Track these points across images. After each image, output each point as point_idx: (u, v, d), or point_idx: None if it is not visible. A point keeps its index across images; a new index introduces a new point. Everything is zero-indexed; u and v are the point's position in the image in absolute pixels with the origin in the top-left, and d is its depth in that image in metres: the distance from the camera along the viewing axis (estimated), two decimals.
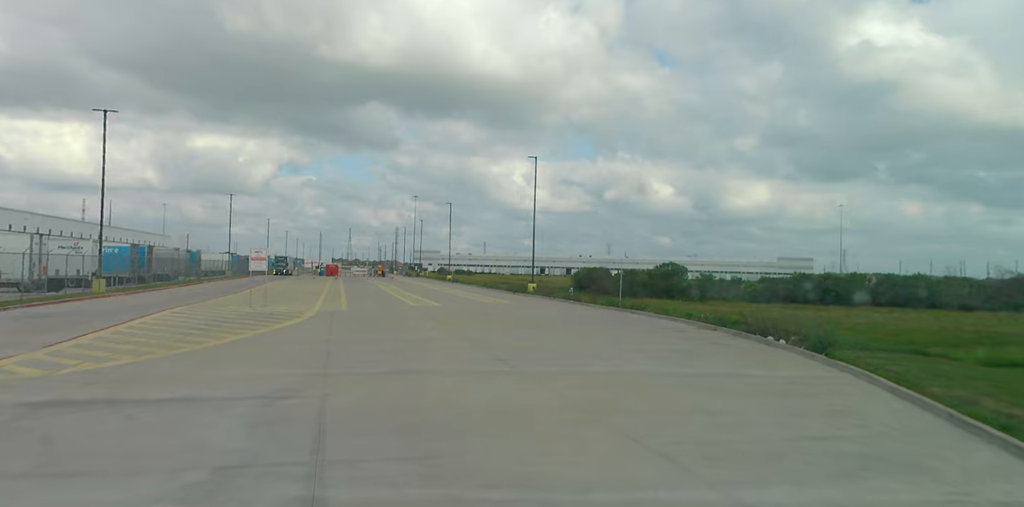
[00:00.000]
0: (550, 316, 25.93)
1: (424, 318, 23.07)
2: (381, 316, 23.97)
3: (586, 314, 27.35)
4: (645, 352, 15.17)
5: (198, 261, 62.55)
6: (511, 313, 27.17)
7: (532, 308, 31.03)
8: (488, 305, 32.81)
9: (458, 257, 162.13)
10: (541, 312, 28.24)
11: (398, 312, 26.24)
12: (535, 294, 44.00)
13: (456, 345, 15.56)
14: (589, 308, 31.51)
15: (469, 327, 20.20)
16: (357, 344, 15.41)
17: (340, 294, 39.44)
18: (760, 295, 44.08)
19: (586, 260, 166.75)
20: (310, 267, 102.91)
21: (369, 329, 19.10)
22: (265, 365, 11.96)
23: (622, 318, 25.30)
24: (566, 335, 18.98)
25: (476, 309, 29.62)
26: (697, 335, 19.28)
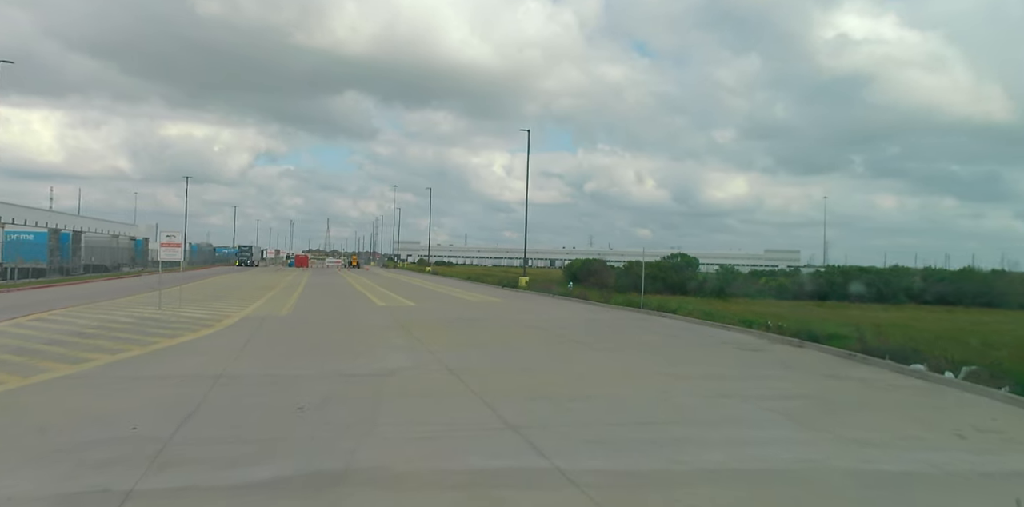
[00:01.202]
0: (562, 322, 19.64)
1: (391, 328, 16.68)
2: (330, 324, 17.55)
3: (605, 319, 21.10)
4: (756, 402, 8.90)
5: (144, 250, 55.44)
6: (509, 318, 20.85)
7: (532, 310, 24.72)
8: (475, 305, 26.46)
9: (439, 248, 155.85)
10: (546, 315, 21.97)
11: (358, 317, 19.81)
12: (528, 289, 37.74)
13: (432, 388, 9.20)
14: (602, 309, 25.24)
15: (453, 345, 13.87)
16: (260, 386, 9.00)
17: (296, 290, 32.89)
18: (786, 291, 38.18)
19: (570, 252, 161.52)
20: (273, 257, 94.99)
21: (300, 351, 12.68)
22: (38, 458, 5.54)
23: (658, 326, 19.07)
24: (604, 360, 12.68)
25: (461, 311, 23.27)
26: (788, 358, 13.10)
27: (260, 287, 34.50)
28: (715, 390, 9.54)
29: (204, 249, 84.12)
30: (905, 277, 37.97)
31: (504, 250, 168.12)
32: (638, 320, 20.62)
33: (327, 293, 32.04)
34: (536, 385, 9.48)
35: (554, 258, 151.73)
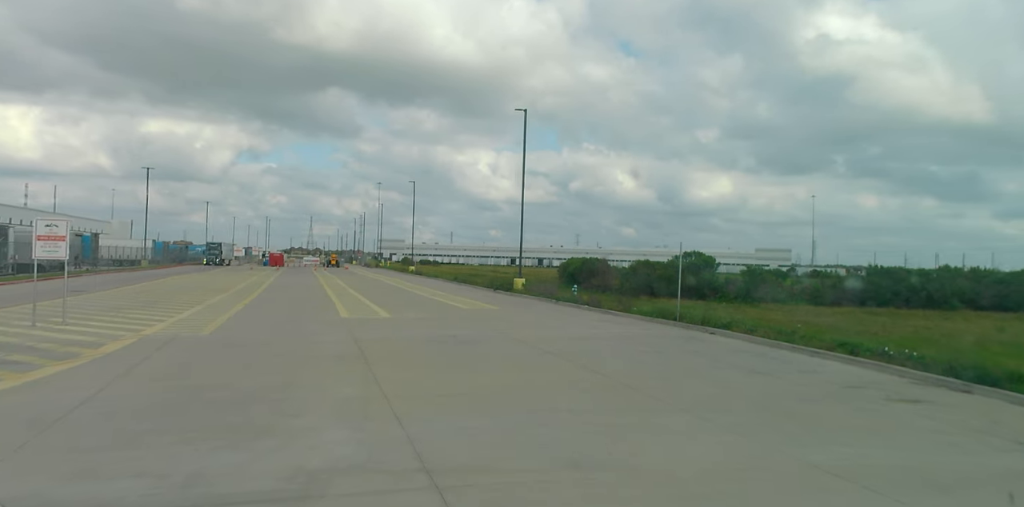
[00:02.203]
0: (589, 346, 14.41)
1: (345, 360, 11.42)
2: (258, 353, 12.17)
3: (642, 339, 15.94)
4: None
5: (94, 247, 49.68)
6: (513, 337, 15.65)
7: (540, 323, 19.56)
8: (466, 315, 21.24)
9: (424, 247, 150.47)
10: (562, 332, 16.81)
11: (306, 338, 14.53)
12: (525, 292, 32.55)
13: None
14: (626, 322, 20.09)
15: (438, 399, 8.63)
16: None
17: (251, 294, 27.52)
18: (820, 295, 33.28)
19: (558, 250, 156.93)
20: (241, 255, 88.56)
21: (160, 419, 7.38)
22: None
23: (723, 352, 13.87)
24: (711, 442, 7.46)
25: (449, 325, 18.06)
26: (992, 423, 7.99)
27: (211, 290, 29.11)
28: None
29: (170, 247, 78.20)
30: (954, 279, 33.19)
31: (491, 249, 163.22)
32: (684, 340, 15.49)
33: (286, 299, 26.70)
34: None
35: (543, 257, 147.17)
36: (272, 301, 24.72)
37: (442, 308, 23.47)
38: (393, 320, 18.47)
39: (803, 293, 33.89)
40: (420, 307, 23.76)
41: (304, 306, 23.03)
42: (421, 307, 23.77)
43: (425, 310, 22.46)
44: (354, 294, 29.83)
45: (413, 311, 21.73)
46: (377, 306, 22.93)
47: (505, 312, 22.51)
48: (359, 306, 22.87)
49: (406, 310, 22.06)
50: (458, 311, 22.38)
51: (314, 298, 26.92)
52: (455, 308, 23.66)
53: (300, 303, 24.46)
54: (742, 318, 19.37)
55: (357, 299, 26.45)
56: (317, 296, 27.96)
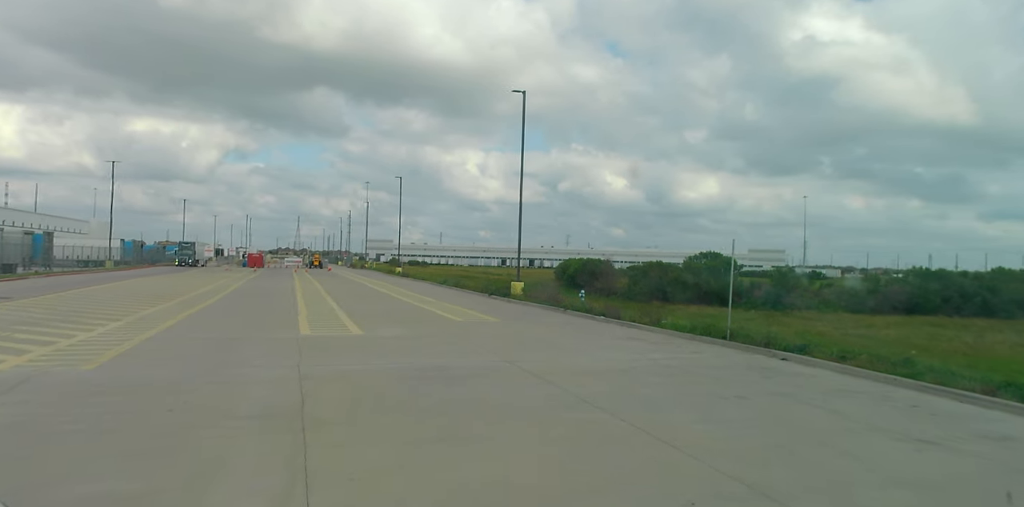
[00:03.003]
0: (639, 385, 10.21)
1: (272, 422, 7.23)
2: (152, 401, 7.85)
3: (705, 372, 11.81)
4: None
5: (47, 247, 45.15)
6: (531, 370, 11.47)
7: (556, 345, 15.40)
8: (459, 331, 17.08)
9: (412, 247, 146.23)
10: (588, 360, 12.68)
11: (234, 374, 10.27)
12: (526, 299, 28.40)
13: None
14: (665, 340, 15.95)
15: None
16: None
17: (204, 301, 23.25)
18: (863, 302, 29.37)
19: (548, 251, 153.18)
20: (211, 255, 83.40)
21: None
22: None
23: (831, 393, 9.71)
24: None
25: (439, 349, 13.89)
26: None
27: (159, 296, 24.83)
28: None
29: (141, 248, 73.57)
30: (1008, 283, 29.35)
31: (481, 249, 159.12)
32: (757, 373, 11.40)
33: (243, 308, 22.45)
34: None
35: (534, 257, 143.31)
36: (223, 312, 20.47)
37: (428, 321, 19.29)
38: (364, 340, 14.27)
39: (839, 298, 29.98)
40: (402, 319, 19.57)
41: (260, 319, 18.80)
42: (403, 319, 19.59)
43: (407, 323, 18.28)
44: (328, 301, 25.61)
45: (392, 325, 17.54)
46: (349, 318, 18.72)
47: (507, 327, 18.37)
48: (328, 318, 18.67)
49: (384, 324, 17.87)
50: (448, 325, 18.22)
51: (278, 307, 22.68)
52: (445, 320, 19.49)
53: (257, 314, 20.23)
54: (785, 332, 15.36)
55: (329, 308, 22.24)
56: (283, 304, 23.72)
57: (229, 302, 24.43)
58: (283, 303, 24.22)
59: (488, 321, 19.59)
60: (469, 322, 19.15)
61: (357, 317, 19.13)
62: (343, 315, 19.71)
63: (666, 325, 17.62)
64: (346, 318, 18.81)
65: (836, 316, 26.71)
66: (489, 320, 19.89)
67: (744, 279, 32.66)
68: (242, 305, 23.47)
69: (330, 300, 26.28)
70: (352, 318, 18.81)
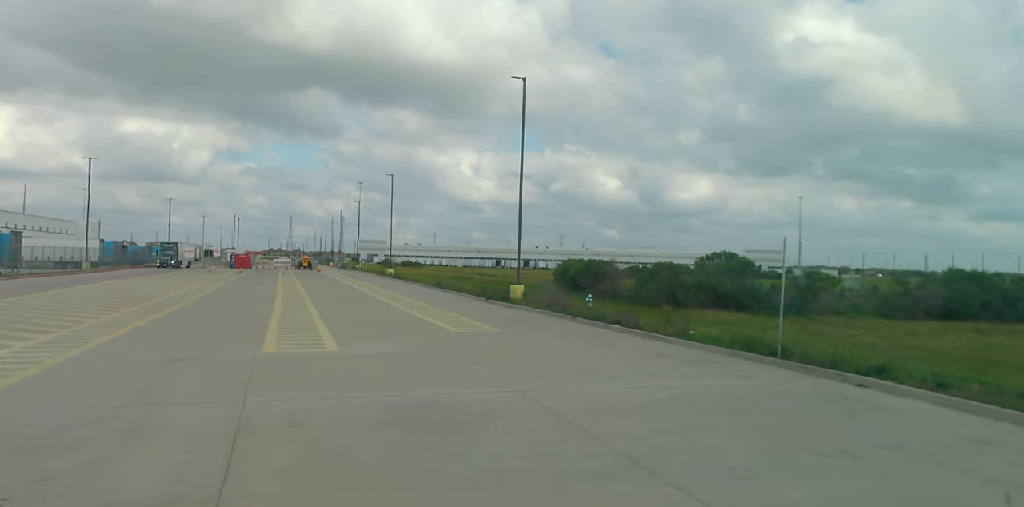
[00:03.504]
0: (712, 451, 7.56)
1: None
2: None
3: (777, 408, 9.25)
4: None
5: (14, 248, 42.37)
6: (549, 405, 8.94)
7: (574, 366, 12.84)
8: (456, 346, 14.49)
9: (405, 248, 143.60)
10: (618, 388, 10.13)
11: (147, 416, 7.69)
12: (527, 304, 25.84)
13: None
14: (703, 357, 13.37)
15: None
16: None
17: (168, 307, 20.64)
18: (894, 306, 26.95)
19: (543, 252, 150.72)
20: (193, 256, 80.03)
21: None
22: None
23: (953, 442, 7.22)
24: None
25: (429, 373, 11.33)
26: None
27: (120, 302, 22.21)
28: None
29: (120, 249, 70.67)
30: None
31: (475, 250, 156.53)
32: (837, 408, 8.88)
33: (207, 317, 19.82)
34: None
35: (528, 258, 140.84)
36: (183, 321, 17.87)
37: (419, 332, 16.72)
38: (339, 360, 11.70)
39: (867, 302, 27.57)
40: (388, 330, 17.01)
41: (222, 330, 16.20)
42: (389, 330, 17.03)
43: (394, 336, 15.72)
44: (308, 307, 23.02)
45: (376, 338, 14.96)
46: (327, 329, 16.14)
47: (511, 339, 15.81)
48: (301, 329, 16.09)
49: (367, 336, 15.30)
50: (442, 338, 15.65)
51: (249, 314, 20.09)
52: (438, 331, 16.93)
53: (221, 324, 17.62)
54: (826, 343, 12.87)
55: (306, 316, 19.66)
56: (256, 311, 21.12)
57: (197, 308, 21.82)
58: (257, 309, 21.61)
59: (488, 332, 17.04)
60: (466, 333, 16.60)
61: (337, 327, 16.56)
62: (321, 325, 17.12)
63: (696, 337, 15.10)
64: (323, 329, 16.23)
65: (868, 322, 24.31)
66: (489, 330, 17.34)
67: (762, 281, 30.18)
68: (209, 312, 20.85)
69: (310, 306, 23.69)
70: (331, 329, 16.24)
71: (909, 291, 27.25)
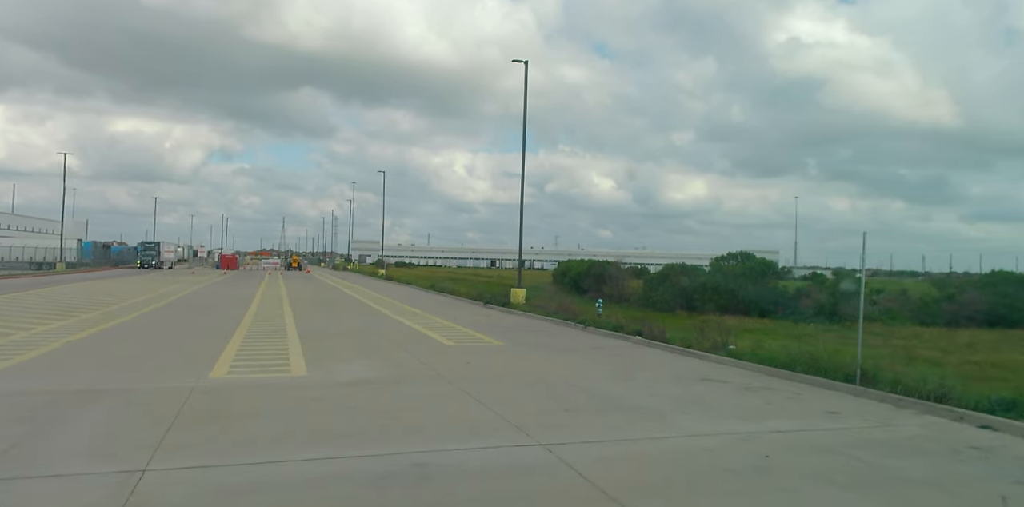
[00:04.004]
0: None
1: None
2: None
3: (902, 473, 6.77)
4: None
5: None
6: (584, 470, 6.49)
7: (601, 395, 10.25)
8: (452, 366, 11.89)
9: (399, 249, 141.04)
10: (672, 436, 7.58)
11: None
12: (531, 310, 23.31)
13: None
14: (762, 382, 10.79)
15: None
16: None
17: (125, 315, 18.05)
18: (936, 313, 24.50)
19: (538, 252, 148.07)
20: (171, 255, 75.85)
21: None
22: None
23: None
24: None
25: (419, 411, 8.76)
26: None
27: (80, 307, 19.59)
28: None
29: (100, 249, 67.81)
30: None
31: (470, 250, 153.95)
32: (1004, 473, 6.40)
33: (162, 328, 17.23)
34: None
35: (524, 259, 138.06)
36: (131, 334, 15.27)
37: (408, 346, 14.16)
38: (302, 392, 9.13)
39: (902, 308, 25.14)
40: (372, 344, 14.45)
41: (171, 345, 13.60)
42: (374, 344, 14.47)
43: (378, 353, 13.16)
44: (285, 315, 20.45)
45: (356, 356, 12.40)
46: (300, 344, 13.58)
47: (519, 357, 13.25)
48: (269, 344, 13.53)
49: (345, 353, 12.73)
50: (436, 355, 13.10)
51: (213, 324, 17.51)
52: (431, 345, 14.38)
53: (174, 337, 15.01)
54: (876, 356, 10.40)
55: (279, 325, 17.10)
56: (223, 320, 18.54)
57: (157, 316, 19.23)
58: (225, 318, 19.02)
59: (490, 346, 14.49)
60: (464, 348, 14.06)
61: (311, 341, 14.00)
62: (293, 338, 14.55)
63: (741, 354, 12.59)
64: (295, 343, 13.66)
65: (910, 330, 21.84)
66: (490, 344, 14.80)
67: (785, 284, 27.71)
68: (169, 321, 18.25)
69: (288, 313, 21.12)
70: (304, 342, 13.68)
71: (951, 296, 24.80)
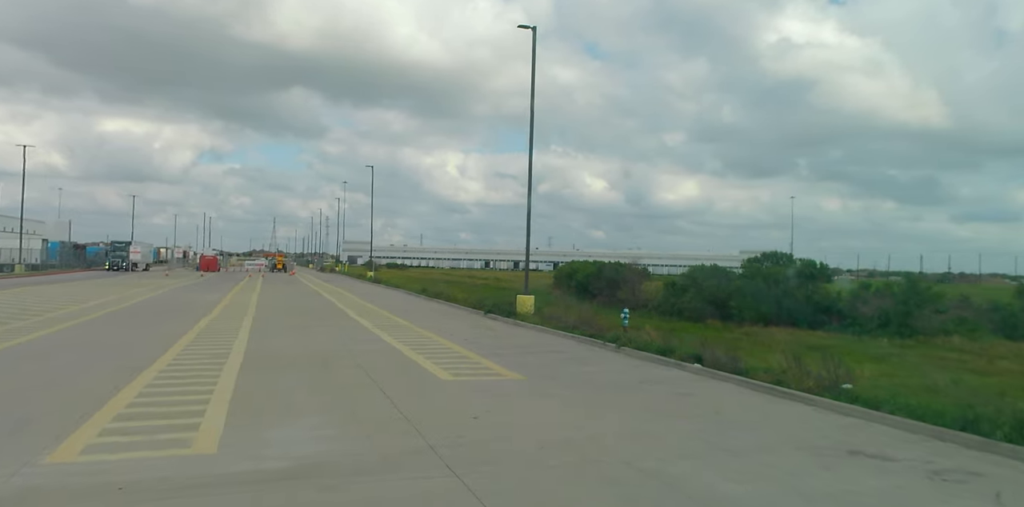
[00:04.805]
0: None
1: None
2: None
3: None
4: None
5: None
6: None
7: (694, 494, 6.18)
8: (456, 431, 7.87)
9: (391, 249, 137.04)
10: None
11: None
12: (542, 323, 19.31)
13: None
14: (972, 469, 6.81)
15: None
16: None
17: (14, 338, 13.95)
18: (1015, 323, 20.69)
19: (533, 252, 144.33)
20: (139, 257, 69.63)
21: None
22: None
23: None
24: None
25: None
26: None
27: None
28: None
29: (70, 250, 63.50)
30: None
31: (463, 251, 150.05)
32: None
33: (62, 355, 13.11)
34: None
35: (518, 260, 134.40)
36: (18, 362, 11.22)
37: (389, 385, 10.09)
38: (194, 498, 5.12)
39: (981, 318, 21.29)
40: (339, 383, 10.39)
41: (36, 389, 9.54)
42: (341, 383, 10.41)
43: (344, 399, 9.13)
44: (240, 328, 16.41)
45: (309, 409, 8.36)
46: (233, 381, 9.55)
47: (546, 401, 9.16)
48: (185, 388, 9.48)
49: (293, 405, 8.70)
50: (429, 398, 9.06)
51: (134, 348, 13.45)
52: (421, 380, 10.35)
53: (56, 372, 10.90)
54: None
55: (222, 350, 13.06)
56: (153, 341, 14.48)
57: (78, 332, 15.21)
58: (157, 337, 14.96)
59: (503, 382, 10.47)
60: (468, 385, 10.06)
61: (254, 377, 9.99)
62: (230, 372, 10.51)
63: (878, 402, 8.60)
64: (228, 381, 9.64)
65: (1009, 348, 18.03)
66: (503, 378, 10.79)
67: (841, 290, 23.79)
68: (74, 344, 14.14)
69: (246, 327, 17.08)
70: (242, 381, 9.67)
71: None
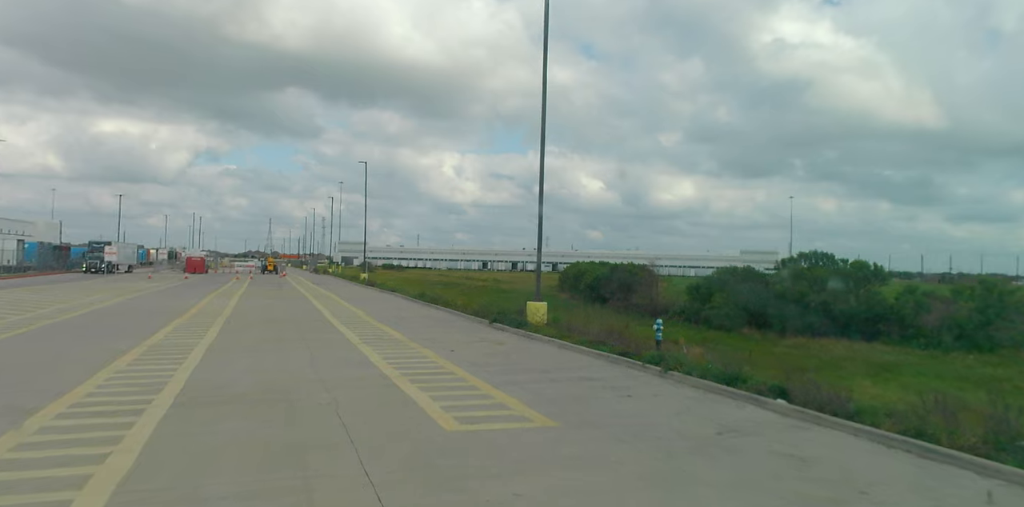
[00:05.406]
0: None
1: None
2: None
3: None
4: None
5: None
6: None
7: None
8: None
9: (388, 250, 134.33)
10: None
11: None
12: (560, 337, 16.36)
13: None
14: None
15: None
16: None
17: None
18: None
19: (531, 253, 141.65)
20: (115, 258, 63.83)
21: None
22: None
23: None
24: None
25: None
26: None
27: None
28: None
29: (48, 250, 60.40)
30: None
31: (460, 252, 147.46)
32: None
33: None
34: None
35: (516, 260, 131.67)
36: None
37: (369, 443, 7.15)
38: None
39: None
40: (297, 440, 7.41)
41: None
42: (300, 440, 7.44)
43: (299, 478, 6.18)
44: (196, 347, 13.45)
45: (239, 499, 5.43)
46: (138, 451, 6.62)
47: (593, 472, 6.15)
48: (87, 441, 6.53)
49: (235, 467, 5.76)
50: (424, 471, 6.11)
51: (35, 380, 10.49)
52: (415, 432, 7.38)
53: None
54: None
55: (158, 380, 10.11)
56: (73, 366, 11.51)
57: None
58: (92, 357, 11.98)
59: (525, 432, 7.50)
60: (479, 438, 7.13)
61: (180, 425, 7.05)
62: (150, 421, 7.57)
63: None
64: (136, 440, 6.70)
65: None
66: (525, 425, 7.83)
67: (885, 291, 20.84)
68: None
69: (204, 344, 14.11)
70: (166, 429, 6.73)
71: None
